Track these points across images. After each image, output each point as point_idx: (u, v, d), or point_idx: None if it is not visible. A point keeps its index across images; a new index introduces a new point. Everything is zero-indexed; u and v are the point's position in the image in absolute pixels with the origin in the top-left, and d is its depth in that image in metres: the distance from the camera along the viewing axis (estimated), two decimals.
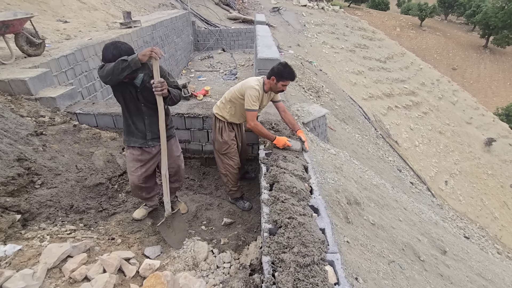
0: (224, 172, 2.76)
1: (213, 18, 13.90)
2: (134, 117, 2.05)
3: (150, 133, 2.09)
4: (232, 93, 2.54)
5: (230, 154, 2.69)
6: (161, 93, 1.81)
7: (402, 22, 36.70)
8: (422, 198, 8.19)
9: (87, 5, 7.55)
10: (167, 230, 2.05)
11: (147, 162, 2.16)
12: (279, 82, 2.40)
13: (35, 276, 1.42)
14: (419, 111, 15.35)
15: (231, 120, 2.62)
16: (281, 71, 2.37)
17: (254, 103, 2.38)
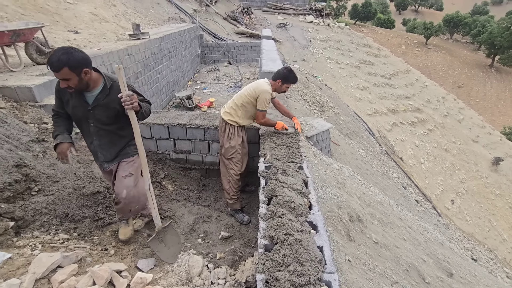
0: (228, 178, 2.87)
1: (220, 32, 14.23)
2: (85, 136, 1.90)
3: (102, 155, 1.92)
4: (244, 97, 2.73)
5: (235, 159, 2.81)
6: (131, 106, 1.64)
7: (408, 40, 37.13)
8: (427, 217, 7.98)
9: (98, 17, 7.79)
10: (159, 244, 1.97)
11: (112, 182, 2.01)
12: (284, 85, 2.74)
13: (21, 287, 1.38)
14: (425, 128, 15.24)
15: (243, 124, 2.82)
16: (287, 75, 2.71)
17: (267, 105, 2.69)
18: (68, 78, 1.57)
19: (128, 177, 1.91)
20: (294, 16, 19.87)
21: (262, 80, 2.78)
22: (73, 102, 1.73)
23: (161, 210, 2.66)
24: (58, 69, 1.52)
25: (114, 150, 1.91)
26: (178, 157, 3.32)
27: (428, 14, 54.98)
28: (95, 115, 1.75)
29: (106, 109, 1.75)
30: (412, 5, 57.01)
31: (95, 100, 1.73)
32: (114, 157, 1.93)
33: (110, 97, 1.74)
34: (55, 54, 1.53)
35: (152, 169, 3.09)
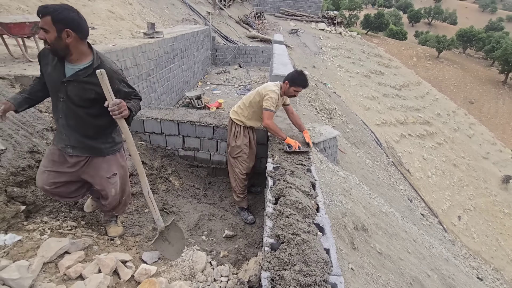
0: (234, 176, 2.88)
1: (232, 35, 14.38)
2: (53, 110, 1.66)
3: (67, 138, 1.66)
4: (252, 97, 2.70)
5: (241, 159, 2.81)
6: (120, 116, 1.46)
7: (419, 52, 36.89)
8: (433, 231, 7.83)
9: (115, 14, 7.97)
10: (163, 244, 1.92)
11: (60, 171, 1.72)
12: (291, 87, 2.60)
13: (30, 269, 1.40)
14: (433, 141, 15.05)
15: (249, 124, 2.78)
16: (295, 78, 2.58)
17: (273, 105, 2.55)
18: (47, 30, 1.40)
19: (113, 176, 1.80)
20: (306, 23, 19.97)
21: (271, 82, 2.77)
22: (50, 69, 1.54)
23: (167, 205, 2.68)
24: (42, 15, 1.38)
25: (81, 136, 1.66)
26: (186, 154, 3.35)
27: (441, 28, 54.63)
28: (67, 90, 1.53)
29: (81, 89, 1.53)
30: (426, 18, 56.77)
31: (73, 75, 1.51)
32: (81, 146, 1.68)
33: (91, 79, 1.50)
34: (51, 5, 1.41)
35: (160, 164, 3.12)
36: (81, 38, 1.48)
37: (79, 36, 1.45)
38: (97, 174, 1.77)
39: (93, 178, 1.78)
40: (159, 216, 1.88)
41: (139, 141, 3.21)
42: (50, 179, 1.71)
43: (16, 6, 5.43)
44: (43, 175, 1.71)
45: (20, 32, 3.35)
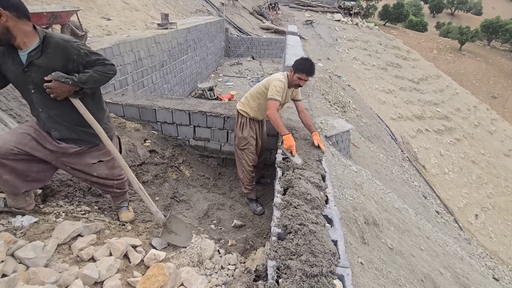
0: (241, 168, 2.85)
1: (246, 27, 14.23)
2: (31, 108, 1.53)
3: (56, 132, 1.55)
4: (258, 88, 2.63)
5: (247, 150, 2.77)
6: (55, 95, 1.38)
7: (440, 44, 35.33)
8: (447, 229, 7.62)
9: (129, 5, 8.03)
10: (170, 236, 1.95)
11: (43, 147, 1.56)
12: (295, 74, 2.41)
13: (45, 249, 1.45)
14: (452, 137, 14.51)
15: (254, 116, 2.70)
16: (298, 63, 2.40)
17: (277, 93, 2.38)
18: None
19: (98, 163, 1.72)
20: (322, 13, 19.49)
21: (279, 73, 2.64)
22: (8, 64, 1.41)
23: (178, 193, 2.72)
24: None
25: (72, 126, 1.56)
26: (197, 144, 3.37)
27: (465, 18, 51.98)
28: (32, 78, 1.41)
29: (44, 70, 1.39)
30: (448, 8, 54.08)
31: (28, 58, 1.38)
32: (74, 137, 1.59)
33: (47, 56, 1.39)
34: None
35: (171, 153, 3.16)
36: (19, 17, 1.32)
37: (15, 15, 1.30)
38: (82, 160, 1.67)
39: (75, 165, 1.66)
40: (157, 209, 1.86)
41: (151, 130, 3.26)
42: (23, 147, 1.48)
43: None
44: (20, 136, 1.48)
45: (38, 22, 3.43)
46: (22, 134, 1.49)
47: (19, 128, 1.54)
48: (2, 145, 1.43)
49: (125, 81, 4.64)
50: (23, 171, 1.54)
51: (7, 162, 1.46)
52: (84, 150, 1.66)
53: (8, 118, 2.10)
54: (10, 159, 1.46)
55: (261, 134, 2.87)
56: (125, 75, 4.62)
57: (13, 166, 1.48)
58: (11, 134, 1.49)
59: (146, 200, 1.77)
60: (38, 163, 1.59)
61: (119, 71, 4.47)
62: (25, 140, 1.48)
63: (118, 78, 4.45)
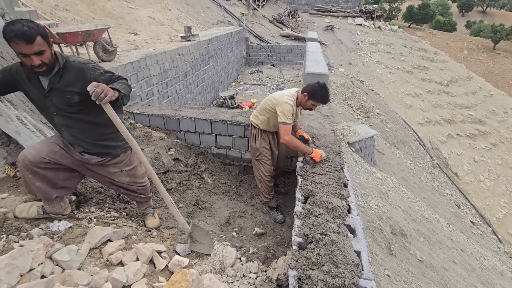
0: (258, 177, 2.88)
1: (266, 35, 14.42)
2: (54, 127, 1.62)
3: (80, 147, 1.64)
4: (266, 104, 2.64)
5: (261, 161, 2.80)
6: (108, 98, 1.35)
7: (471, 44, 33.46)
8: (485, 241, 7.07)
9: (155, 20, 8.46)
10: (196, 245, 2.01)
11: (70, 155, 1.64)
12: (309, 101, 2.40)
13: (78, 253, 1.55)
14: (487, 142, 13.56)
15: (264, 128, 2.74)
16: (315, 91, 2.36)
17: (287, 118, 2.39)
18: (43, 50, 1.30)
19: (120, 172, 1.81)
20: (342, 18, 19.27)
21: (286, 91, 2.59)
22: (31, 90, 1.47)
23: (200, 201, 2.79)
24: (33, 39, 1.25)
25: (93, 141, 1.65)
26: (218, 152, 3.45)
27: (498, 16, 48.91)
28: (53, 102, 1.48)
29: (62, 93, 1.45)
30: (479, 5, 51.24)
31: (49, 84, 1.44)
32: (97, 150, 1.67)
33: (65, 79, 1.45)
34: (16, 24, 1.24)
35: (194, 161, 3.25)
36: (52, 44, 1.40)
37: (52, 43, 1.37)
38: (104, 170, 1.76)
39: (99, 171, 1.76)
40: (184, 220, 1.92)
41: (175, 139, 3.38)
42: (54, 155, 1.56)
43: (71, 18, 6.04)
44: (50, 145, 1.56)
45: (74, 40, 3.72)
46: (52, 144, 1.60)
47: (49, 139, 1.65)
48: (36, 155, 1.51)
49: (151, 92, 4.87)
50: (52, 179, 1.62)
51: (39, 170, 1.54)
52: (106, 161, 1.75)
53: (47, 130, 2.29)
54: (41, 168, 1.54)
55: (276, 145, 2.86)
56: (151, 87, 4.85)
57: (44, 174, 1.57)
58: (42, 144, 1.59)
59: (175, 213, 1.84)
60: (65, 171, 1.68)
61: (146, 83, 4.71)
62: (55, 149, 1.58)
63: (145, 90, 4.68)
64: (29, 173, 1.53)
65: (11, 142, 2.10)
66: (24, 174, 1.55)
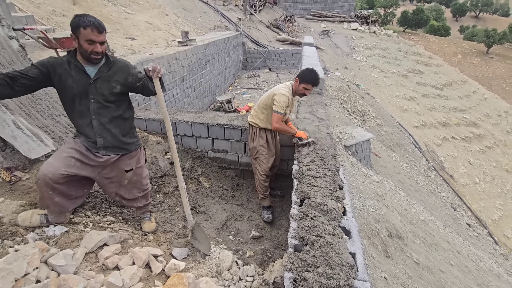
0: (255, 176, 2.98)
1: (262, 40, 14.54)
2: (80, 118, 1.68)
3: (102, 139, 1.71)
4: (264, 100, 2.74)
5: (258, 159, 2.89)
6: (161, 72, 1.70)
7: (465, 48, 33.98)
8: (481, 243, 7.11)
9: (152, 25, 8.51)
10: (195, 241, 2.06)
11: (86, 164, 1.71)
12: (301, 85, 2.57)
13: (74, 257, 1.55)
14: (482, 144, 13.71)
15: (264, 126, 2.82)
16: (304, 74, 2.55)
17: (281, 107, 2.55)
18: (104, 42, 1.55)
19: (130, 171, 1.89)
20: (338, 23, 19.50)
21: (282, 84, 2.76)
22: (72, 78, 1.58)
23: (197, 204, 2.79)
24: (103, 30, 1.53)
25: (115, 133, 1.75)
26: (215, 156, 3.46)
27: (491, 21, 49.78)
28: (97, 89, 1.63)
29: (108, 83, 1.64)
30: (472, 11, 52.13)
31: (98, 72, 1.63)
32: (114, 145, 1.75)
33: (113, 71, 1.67)
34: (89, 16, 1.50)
35: (191, 165, 3.25)
36: None
37: None
38: (117, 168, 1.83)
39: (111, 173, 1.82)
40: (190, 212, 2.00)
41: None
42: (71, 169, 1.61)
43: (68, 23, 6.05)
44: (66, 160, 1.61)
45: (71, 45, 3.73)
46: (67, 158, 1.64)
47: (63, 152, 1.66)
48: (55, 172, 1.57)
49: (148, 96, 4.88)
50: (68, 192, 1.70)
51: (57, 186, 1.61)
52: (119, 158, 1.83)
53: (44, 135, 2.29)
54: (60, 183, 1.61)
55: (273, 142, 2.95)
56: None
57: (62, 189, 1.65)
58: (58, 160, 1.62)
59: (184, 200, 1.94)
60: (79, 181, 1.75)
61: None
62: (71, 163, 1.64)
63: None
64: (49, 189, 1.60)
65: (7, 147, 2.09)
66: (44, 191, 1.61)
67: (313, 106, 3.95)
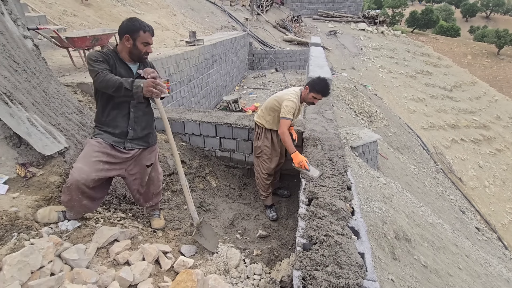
0: (256, 174, 3.01)
1: (269, 40, 14.54)
2: (115, 109, 1.75)
3: (132, 131, 1.81)
4: (271, 102, 2.75)
5: (261, 158, 2.93)
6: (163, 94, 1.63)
7: (475, 49, 33.41)
8: (490, 248, 6.99)
9: (161, 25, 8.59)
10: (201, 238, 2.08)
11: (114, 163, 1.77)
12: (310, 93, 2.55)
13: (86, 252, 1.58)
14: (492, 147, 13.47)
15: (269, 127, 2.84)
16: (315, 83, 2.51)
17: (289, 113, 2.53)
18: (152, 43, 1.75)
19: (150, 165, 1.97)
20: (346, 23, 19.38)
21: (291, 88, 2.74)
22: (120, 72, 1.70)
23: (204, 203, 2.81)
24: (154, 34, 1.72)
25: (144, 126, 1.88)
26: (222, 155, 3.48)
27: (502, 21, 48.83)
28: None
29: (144, 79, 1.71)
30: (483, 11, 51.18)
31: (137, 70, 1.79)
32: (141, 137, 1.86)
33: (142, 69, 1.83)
34: (143, 22, 1.67)
35: (199, 164, 3.28)
36: None
37: None
38: (139, 164, 1.91)
39: (134, 169, 1.89)
40: (194, 209, 2.03)
41: (180, 142, 3.42)
42: (100, 173, 1.67)
43: (79, 23, 6.16)
44: (95, 164, 1.65)
45: (82, 44, 3.80)
46: (96, 162, 1.68)
47: (90, 157, 1.68)
48: (87, 178, 1.62)
49: None
50: (95, 194, 1.76)
51: (88, 190, 1.67)
52: (141, 152, 1.91)
53: (56, 132, 2.34)
54: (91, 187, 1.67)
55: (278, 143, 2.95)
56: None
57: (90, 193, 1.71)
58: (87, 165, 1.65)
59: (188, 197, 1.98)
60: (105, 182, 1.81)
61: None
62: (99, 167, 1.69)
63: None
64: (80, 193, 1.66)
65: (22, 143, 2.14)
66: (74, 194, 1.66)
67: (320, 106, 3.94)
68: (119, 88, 1.55)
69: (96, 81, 1.60)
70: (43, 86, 2.47)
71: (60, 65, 4.19)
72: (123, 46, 1.70)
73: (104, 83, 1.56)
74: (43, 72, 2.56)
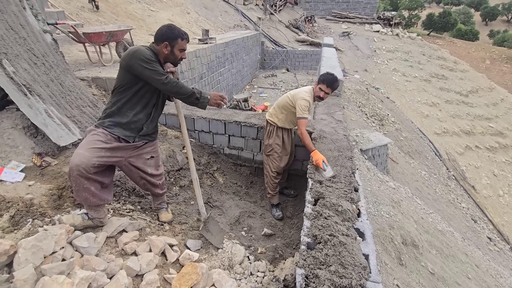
0: (265, 173, 3.02)
1: (281, 40, 14.51)
2: (140, 106, 1.80)
3: (146, 128, 1.88)
4: (284, 100, 2.76)
5: (271, 157, 2.94)
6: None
7: (494, 54, 32.38)
8: (502, 259, 6.78)
9: (175, 23, 8.70)
10: (207, 233, 2.13)
11: (116, 149, 1.76)
12: (318, 86, 2.62)
13: (96, 240, 1.63)
14: (508, 155, 13.03)
15: (281, 125, 2.85)
16: (323, 76, 2.57)
17: (305, 112, 2.57)
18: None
19: (150, 159, 1.99)
20: (360, 25, 19.13)
21: (303, 88, 2.75)
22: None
23: (211, 199, 2.85)
24: (189, 39, 1.82)
25: (155, 123, 1.98)
26: (231, 152, 3.51)
27: None
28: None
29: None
30: (504, 15, 49.54)
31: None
32: (150, 133, 1.93)
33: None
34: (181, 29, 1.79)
35: (207, 161, 3.32)
36: None
37: None
38: (140, 157, 1.93)
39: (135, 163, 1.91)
40: (203, 204, 2.07)
41: (189, 138, 3.47)
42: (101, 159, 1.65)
43: (96, 19, 6.31)
44: (96, 151, 1.63)
45: (98, 40, 3.89)
46: (97, 149, 1.66)
47: (91, 144, 1.66)
48: (87, 163, 1.58)
49: None
50: (102, 179, 1.71)
51: (92, 176, 1.62)
52: (143, 146, 1.93)
53: (71, 124, 2.41)
54: (92, 173, 1.62)
55: (289, 141, 2.97)
56: None
57: (96, 178, 1.66)
58: (88, 151, 1.63)
59: (197, 192, 2.02)
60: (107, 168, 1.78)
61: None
62: (101, 154, 1.66)
63: None
64: (85, 180, 1.61)
65: (39, 134, 2.23)
66: (80, 183, 1.60)
67: (330, 107, 3.92)
68: (190, 96, 1.76)
69: (164, 83, 1.69)
70: (60, 80, 2.55)
71: (76, 59, 4.32)
72: (161, 50, 1.78)
73: (177, 88, 1.73)
74: (61, 65, 2.65)
